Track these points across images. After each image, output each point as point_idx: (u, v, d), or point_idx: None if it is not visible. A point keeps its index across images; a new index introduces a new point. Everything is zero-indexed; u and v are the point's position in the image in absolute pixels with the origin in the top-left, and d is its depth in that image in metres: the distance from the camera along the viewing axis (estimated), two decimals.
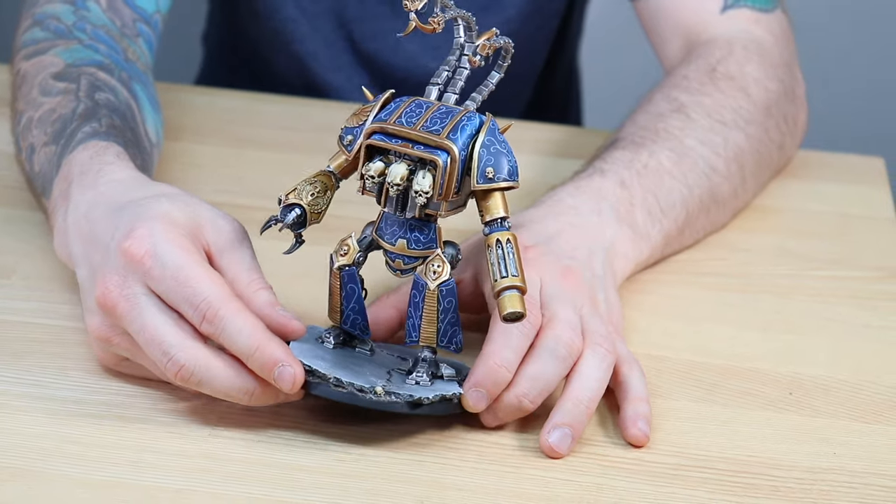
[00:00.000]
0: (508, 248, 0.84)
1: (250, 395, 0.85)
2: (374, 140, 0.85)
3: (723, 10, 1.21)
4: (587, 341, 0.89)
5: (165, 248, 0.85)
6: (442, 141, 0.84)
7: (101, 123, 1.00)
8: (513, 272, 0.84)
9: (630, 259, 1.01)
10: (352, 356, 0.88)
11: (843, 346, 1.00)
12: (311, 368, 0.85)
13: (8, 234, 1.05)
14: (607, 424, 0.90)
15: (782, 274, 1.09)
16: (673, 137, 1.08)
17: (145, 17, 1.17)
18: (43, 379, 0.90)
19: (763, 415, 0.92)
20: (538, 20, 1.40)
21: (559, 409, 0.87)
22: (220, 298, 0.84)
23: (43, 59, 1.08)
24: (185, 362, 0.84)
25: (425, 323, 0.86)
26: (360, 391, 0.84)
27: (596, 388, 0.88)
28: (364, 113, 0.87)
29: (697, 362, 0.97)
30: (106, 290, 0.86)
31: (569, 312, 0.90)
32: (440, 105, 0.86)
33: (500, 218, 0.85)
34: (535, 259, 0.92)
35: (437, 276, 0.86)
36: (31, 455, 0.84)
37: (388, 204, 0.86)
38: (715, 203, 1.09)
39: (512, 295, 0.83)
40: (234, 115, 1.28)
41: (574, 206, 1.00)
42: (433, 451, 0.87)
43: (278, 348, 0.84)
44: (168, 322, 0.85)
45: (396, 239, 0.87)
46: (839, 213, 1.18)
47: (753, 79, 1.15)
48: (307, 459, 0.85)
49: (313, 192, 0.86)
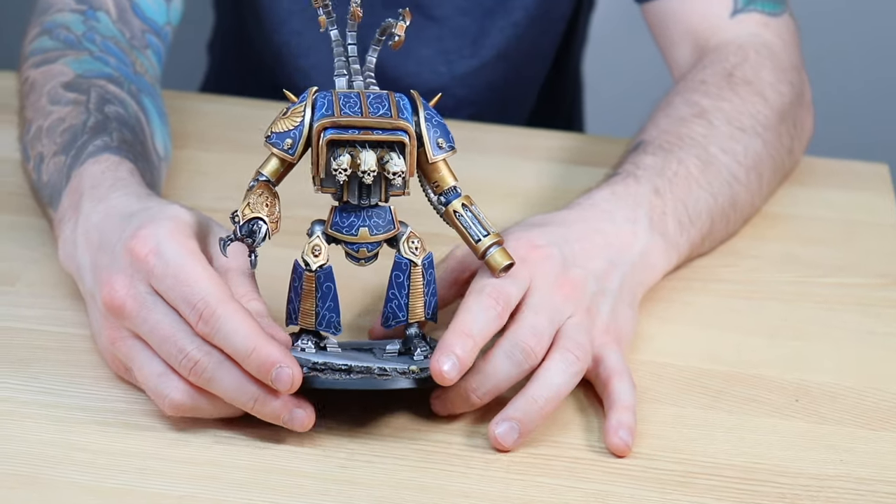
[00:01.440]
0: (474, 209, 0.89)
1: (255, 399, 0.84)
2: (334, 135, 0.85)
3: (732, 15, 1.21)
4: (558, 345, 0.89)
5: (168, 246, 0.86)
6: (397, 122, 0.86)
7: (113, 138, 1.00)
8: (488, 230, 0.89)
9: (659, 270, 1.02)
10: (339, 352, 0.88)
11: (849, 353, 1.00)
12: (334, 364, 0.85)
13: (12, 240, 1.05)
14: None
15: (788, 281, 1.08)
16: (697, 144, 1.08)
17: (155, 29, 1.17)
18: (49, 386, 0.90)
19: (769, 421, 0.92)
20: (545, 24, 1.40)
21: (513, 403, 0.88)
22: (217, 298, 0.84)
23: (52, 68, 1.08)
24: (200, 358, 0.84)
25: (412, 300, 0.88)
26: (387, 373, 0.85)
27: (554, 390, 0.88)
28: (296, 114, 0.87)
29: (704, 369, 0.97)
30: (112, 290, 0.86)
31: (539, 318, 0.89)
32: (366, 92, 0.88)
33: (453, 186, 0.89)
34: (535, 261, 0.92)
35: (419, 252, 0.88)
36: (39, 462, 0.84)
37: (350, 195, 0.86)
38: (734, 211, 1.10)
39: (497, 251, 0.89)
40: (239, 123, 1.28)
41: (609, 210, 1.00)
42: (439, 459, 0.87)
43: (276, 350, 0.83)
44: (178, 320, 0.85)
45: (357, 229, 0.87)
46: (845, 220, 1.18)
47: (768, 83, 1.16)
48: (312, 466, 0.85)
49: (265, 202, 0.86)
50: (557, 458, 0.87)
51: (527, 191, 1.20)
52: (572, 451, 0.88)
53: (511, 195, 1.18)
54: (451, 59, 1.38)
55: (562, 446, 0.88)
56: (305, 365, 0.85)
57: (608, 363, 0.91)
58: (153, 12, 1.17)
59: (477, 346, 0.87)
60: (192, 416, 0.86)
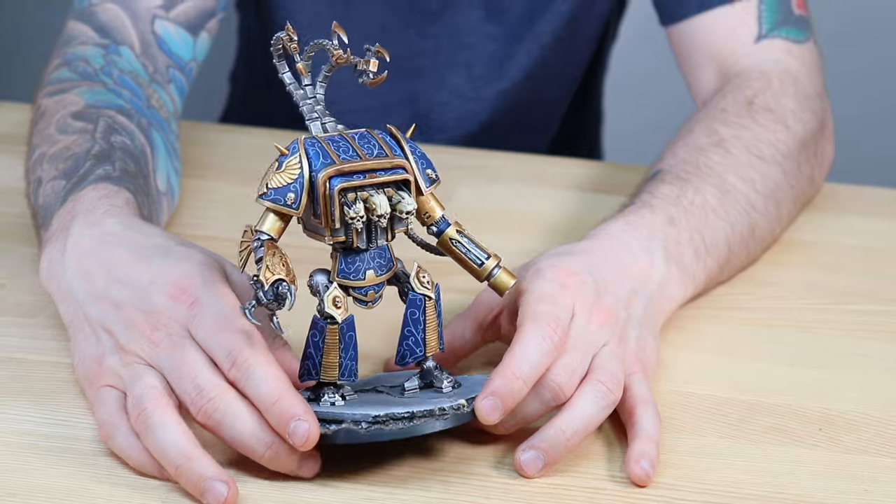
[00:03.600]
0: (468, 234, 0.89)
1: (266, 447, 0.84)
2: (343, 183, 0.84)
3: (757, 40, 1.21)
4: (591, 377, 0.89)
5: (212, 295, 0.86)
6: (395, 160, 0.86)
7: (115, 167, 1.00)
8: (488, 252, 0.89)
9: (675, 300, 1.01)
10: (364, 400, 0.87)
11: (872, 381, 0.99)
12: (395, 414, 0.84)
13: (36, 273, 1.04)
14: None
15: (810, 308, 1.08)
16: (714, 174, 1.08)
17: (180, 65, 1.18)
18: (69, 419, 0.90)
19: (792, 451, 0.91)
20: (571, 47, 1.40)
21: (541, 432, 0.87)
22: (252, 347, 0.84)
23: (64, 98, 1.09)
24: (215, 396, 0.84)
25: (429, 333, 0.88)
26: (446, 412, 0.85)
27: (584, 423, 0.88)
28: (292, 167, 0.85)
29: (725, 398, 0.96)
30: (153, 328, 0.86)
31: (574, 356, 0.89)
32: (349, 132, 0.87)
33: (443, 215, 0.89)
34: (574, 287, 0.92)
35: (431, 285, 0.88)
36: (59, 496, 0.84)
37: (360, 241, 0.85)
38: (753, 240, 1.09)
39: (501, 272, 0.89)
40: (257, 153, 1.28)
41: (625, 241, 0.99)
42: (459, 489, 0.86)
43: (299, 403, 0.83)
44: (205, 362, 0.85)
45: (364, 273, 0.86)
46: (866, 247, 1.18)
47: (790, 111, 1.15)
48: (333, 497, 0.85)
49: (281, 262, 0.84)
50: (578, 487, 0.87)
51: (543, 219, 1.19)
52: (594, 482, 0.88)
53: (527, 223, 1.18)
54: (479, 85, 1.38)
55: (583, 476, 0.88)
56: (365, 420, 0.84)
57: (634, 392, 0.91)
58: (179, 48, 1.17)
59: (527, 388, 0.87)
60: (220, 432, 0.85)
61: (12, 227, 1.13)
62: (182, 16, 1.18)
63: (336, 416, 0.85)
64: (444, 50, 1.36)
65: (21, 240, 1.11)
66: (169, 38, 1.17)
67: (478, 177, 1.27)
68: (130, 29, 1.16)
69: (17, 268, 1.07)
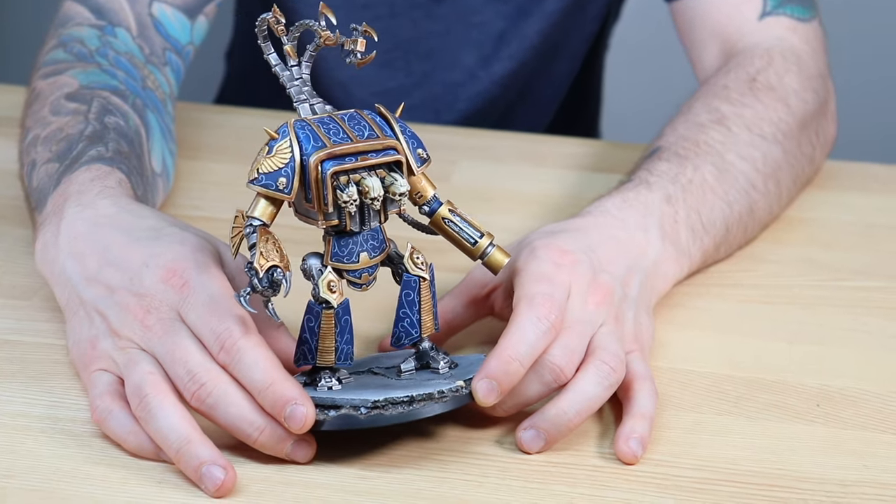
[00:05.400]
0: (461, 212, 0.88)
1: (260, 431, 0.84)
2: (335, 167, 0.83)
3: (761, 17, 1.20)
4: (594, 357, 0.88)
5: (203, 279, 0.86)
6: (386, 141, 0.85)
7: (108, 148, 1.00)
8: (481, 231, 0.88)
9: (670, 278, 1.01)
10: (361, 383, 0.87)
11: (870, 358, 0.99)
12: (395, 398, 0.84)
13: (30, 255, 1.04)
14: None
15: (808, 285, 1.08)
16: (714, 151, 1.07)
17: (177, 48, 1.17)
18: (64, 401, 0.90)
19: (791, 427, 0.91)
20: (577, 20, 1.39)
21: (543, 411, 0.87)
22: (241, 330, 0.84)
23: (59, 80, 1.08)
24: (207, 381, 0.84)
25: (424, 314, 0.87)
26: (445, 395, 0.84)
27: (587, 404, 0.87)
28: (283, 151, 0.84)
29: (723, 375, 0.96)
30: (146, 312, 0.86)
31: (572, 336, 0.89)
32: (337, 114, 0.86)
33: (434, 194, 0.88)
34: (570, 265, 0.92)
35: (425, 266, 0.87)
36: (53, 477, 0.84)
37: (353, 223, 0.85)
38: (752, 219, 1.09)
39: (495, 250, 0.88)
40: (252, 133, 1.28)
41: (621, 218, 0.99)
42: (455, 468, 0.86)
43: (293, 387, 0.83)
44: (197, 346, 0.85)
45: (356, 255, 0.86)
46: (864, 223, 1.18)
47: (793, 90, 1.15)
48: (329, 478, 0.85)
49: (275, 248, 0.83)
50: (577, 466, 0.87)
51: (542, 198, 1.19)
52: (592, 460, 0.87)
53: (526, 202, 1.18)
54: (489, 63, 1.38)
55: (582, 454, 0.88)
56: (364, 405, 0.84)
57: (632, 368, 0.91)
58: (176, 31, 1.17)
59: (523, 369, 0.86)
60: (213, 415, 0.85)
61: (6, 209, 1.13)
62: None
63: (334, 402, 0.84)
64: (453, 30, 1.36)
65: (15, 222, 1.11)
66: (166, 20, 1.16)
67: (477, 157, 1.26)
68: (127, 11, 1.15)
69: (11, 250, 1.07)
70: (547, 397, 0.88)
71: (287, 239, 0.85)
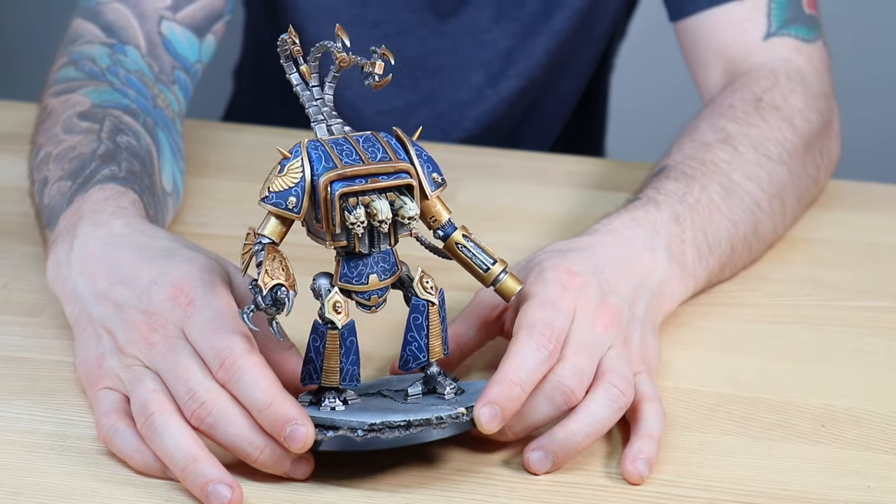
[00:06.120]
0: (475, 238, 0.89)
1: (259, 450, 0.84)
2: (344, 188, 0.84)
3: (766, 38, 1.21)
4: (603, 380, 0.88)
5: (209, 297, 0.86)
6: (398, 164, 0.85)
7: (121, 168, 1.00)
8: (494, 258, 0.88)
9: (676, 299, 1.01)
10: (365, 405, 0.87)
11: (874, 378, 0.99)
12: (392, 422, 0.83)
13: (38, 272, 1.05)
14: None
15: (812, 305, 1.08)
16: (721, 171, 1.07)
17: (186, 66, 1.18)
18: (72, 418, 0.90)
19: (796, 447, 0.91)
20: (584, 38, 1.40)
21: (552, 434, 0.87)
22: (241, 348, 0.84)
23: (71, 98, 1.09)
24: (207, 400, 0.84)
25: (432, 339, 0.87)
26: (444, 421, 0.84)
27: (595, 427, 0.87)
28: (294, 170, 0.84)
29: (728, 394, 0.96)
30: (151, 330, 0.86)
31: (581, 358, 0.89)
32: (353, 135, 0.86)
33: (449, 219, 0.88)
34: (577, 288, 0.92)
35: (434, 290, 0.87)
36: (62, 495, 0.84)
37: (361, 245, 0.85)
38: (756, 239, 1.09)
39: (507, 278, 0.89)
40: (260, 151, 1.28)
41: (629, 237, 0.99)
42: (463, 488, 0.86)
43: (292, 406, 0.83)
44: (198, 364, 0.85)
45: (366, 277, 0.86)
46: (868, 243, 1.18)
47: (798, 110, 1.15)
48: (337, 498, 0.85)
49: (281, 266, 0.83)
50: (584, 485, 0.87)
51: (547, 216, 1.19)
52: (599, 480, 0.88)
53: (531, 221, 1.18)
54: (496, 81, 1.38)
55: (589, 474, 0.88)
56: (361, 428, 0.84)
57: (640, 389, 0.91)
58: (184, 49, 1.17)
59: (525, 394, 0.86)
60: (213, 435, 0.85)
61: (15, 225, 1.13)
62: (188, 18, 1.18)
63: (333, 423, 0.84)
64: (461, 49, 1.36)
65: (23, 238, 1.11)
66: (175, 39, 1.17)
67: (483, 175, 1.27)
68: (137, 29, 1.16)
69: (19, 266, 1.08)
70: (555, 420, 0.89)
71: (301, 258, 0.86)
